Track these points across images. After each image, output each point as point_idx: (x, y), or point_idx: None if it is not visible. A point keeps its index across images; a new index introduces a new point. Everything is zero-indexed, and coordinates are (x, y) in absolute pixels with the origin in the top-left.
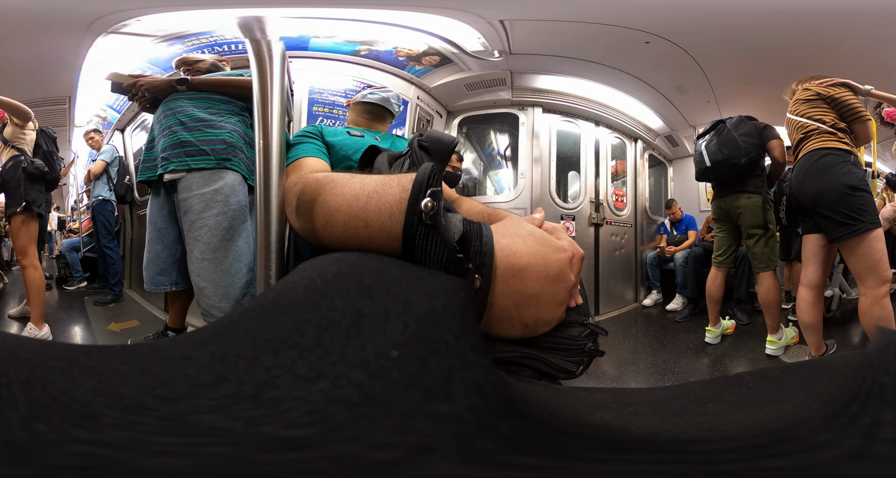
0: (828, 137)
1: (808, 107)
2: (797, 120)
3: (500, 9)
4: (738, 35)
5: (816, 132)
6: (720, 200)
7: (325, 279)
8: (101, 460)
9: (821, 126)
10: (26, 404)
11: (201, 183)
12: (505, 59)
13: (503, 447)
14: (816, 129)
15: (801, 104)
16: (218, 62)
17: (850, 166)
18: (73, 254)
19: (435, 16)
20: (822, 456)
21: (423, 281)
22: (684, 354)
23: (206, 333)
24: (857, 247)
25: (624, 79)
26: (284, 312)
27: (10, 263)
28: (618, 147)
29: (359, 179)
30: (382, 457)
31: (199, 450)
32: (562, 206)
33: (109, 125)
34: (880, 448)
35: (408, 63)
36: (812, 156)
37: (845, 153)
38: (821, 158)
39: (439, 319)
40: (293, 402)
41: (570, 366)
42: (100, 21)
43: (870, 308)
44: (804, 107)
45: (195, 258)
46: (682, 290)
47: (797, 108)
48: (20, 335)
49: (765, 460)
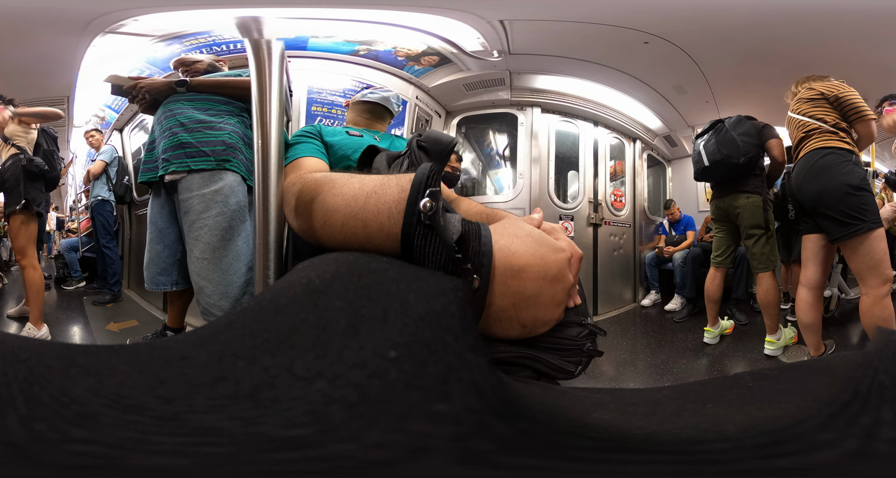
0: (829, 136)
1: (811, 106)
2: (798, 119)
3: (500, 9)
4: (736, 35)
5: (818, 131)
6: (719, 200)
7: (323, 279)
8: (100, 460)
9: (822, 125)
10: (25, 404)
11: (201, 184)
12: (504, 60)
13: (501, 448)
14: (818, 128)
15: (804, 103)
16: (215, 62)
17: (851, 166)
18: (72, 254)
19: (434, 16)
20: (822, 456)
21: (421, 281)
22: (683, 355)
23: (205, 333)
24: (860, 247)
25: (623, 79)
26: (283, 312)
27: (10, 264)
28: (616, 147)
29: (357, 179)
30: (380, 457)
31: (197, 449)
32: (560, 206)
33: (108, 125)
34: (880, 448)
35: (407, 63)
36: (813, 155)
37: (847, 153)
38: (822, 157)
39: (438, 319)
40: (291, 402)
41: (568, 366)
42: (97, 20)
43: (871, 308)
44: (806, 106)
45: (195, 258)
46: (680, 290)
47: (799, 106)
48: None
49: (764, 460)
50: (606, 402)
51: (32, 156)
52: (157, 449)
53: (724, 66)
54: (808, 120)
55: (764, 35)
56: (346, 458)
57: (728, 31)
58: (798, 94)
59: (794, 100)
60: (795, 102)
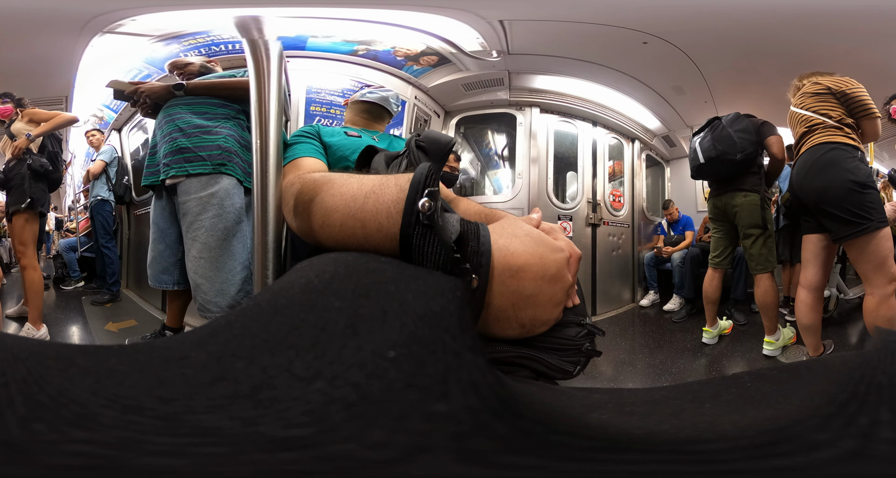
0: (834, 131)
1: (816, 100)
2: (802, 113)
3: (500, 9)
4: (735, 35)
5: (822, 126)
6: (716, 198)
7: (322, 279)
8: (99, 460)
9: (827, 120)
10: (24, 404)
11: (199, 187)
12: (503, 60)
13: (500, 447)
14: (822, 123)
15: (808, 98)
16: (206, 63)
17: (857, 162)
18: (71, 254)
19: (434, 15)
20: (820, 456)
21: (420, 281)
22: (681, 355)
23: (204, 333)
24: (866, 246)
25: (621, 79)
26: (281, 313)
27: (10, 265)
28: (615, 147)
29: (356, 179)
30: (379, 457)
31: (196, 450)
32: (559, 206)
33: (106, 125)
34: (878, 448)
35: (406, 63)
36: (817, 150)
37: (852, 149)
38: (827, 152)
39: (436, 319)
40: (290, 402)
41: (567, 366)
42: (95, 20)
43: (877, 308)
44: (811, 100)
45: (193, 257)
46: (679, 290)
47: (803, 101)
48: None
49: (762, 460)
50: (605, 402)
51: (38, 156)
52: (156, 450)
53: (722, 67)
54: (811, 115)
55: (762, 35)
56: (346, 458)
57: (727, 31)
58: (802, 88)
59: (797, 94)
60: (799, 96)
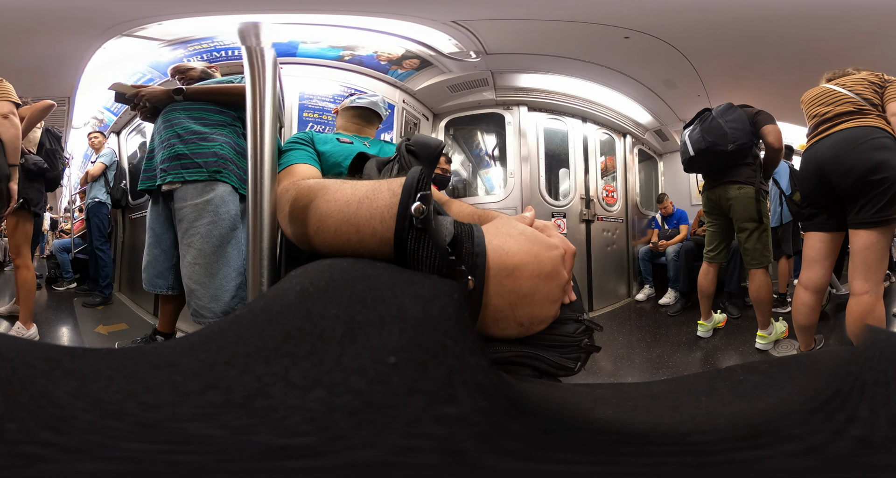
0: (884, 122)
1: (855, 83)
2: (843, 93)
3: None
4: (725, 27)
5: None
6: (710, 191)
7: (317, 286)
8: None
9: (871, 108)
10: (3, 404)
11: (194, 194)
12: (483, 60)
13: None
14: (873, 110)
15: (852, 80)
16: (207, 69)
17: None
18: (64, 255)
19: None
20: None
21: (416, 285)
22: (677, 348)
23: (196, 340)
24: (882, 237)
25: (608, 74)
26: (276, 320)
27: (3, 264)
28: (606, 143)
29: (350, 185)
30: (386, 461)
31: (169, 457)
32: (552, 203)
33: (106, 127)
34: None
35: (390, 67)
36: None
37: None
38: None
39: (435, 322)
40: (288, 410)
41: (567, 363)
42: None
43: (874, 306)
44: (851, 82)
45: (188, 262)
46: (674, 284)
47: (846, 82)
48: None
49: (747, 451)
50: (608, 397)
51: (33, 154)
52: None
53: (714, 60)
54: (855, 97)
55: (753, 27)
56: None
57: (717, 23)
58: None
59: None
60: (839, 78)
